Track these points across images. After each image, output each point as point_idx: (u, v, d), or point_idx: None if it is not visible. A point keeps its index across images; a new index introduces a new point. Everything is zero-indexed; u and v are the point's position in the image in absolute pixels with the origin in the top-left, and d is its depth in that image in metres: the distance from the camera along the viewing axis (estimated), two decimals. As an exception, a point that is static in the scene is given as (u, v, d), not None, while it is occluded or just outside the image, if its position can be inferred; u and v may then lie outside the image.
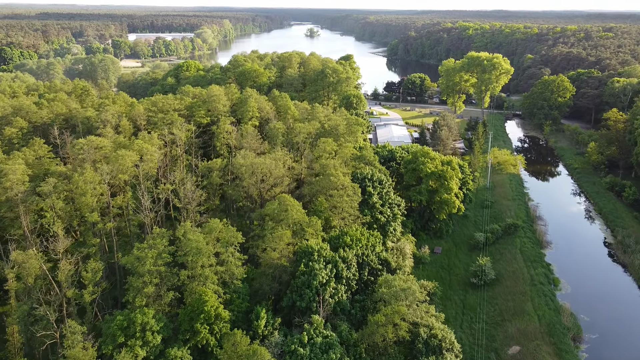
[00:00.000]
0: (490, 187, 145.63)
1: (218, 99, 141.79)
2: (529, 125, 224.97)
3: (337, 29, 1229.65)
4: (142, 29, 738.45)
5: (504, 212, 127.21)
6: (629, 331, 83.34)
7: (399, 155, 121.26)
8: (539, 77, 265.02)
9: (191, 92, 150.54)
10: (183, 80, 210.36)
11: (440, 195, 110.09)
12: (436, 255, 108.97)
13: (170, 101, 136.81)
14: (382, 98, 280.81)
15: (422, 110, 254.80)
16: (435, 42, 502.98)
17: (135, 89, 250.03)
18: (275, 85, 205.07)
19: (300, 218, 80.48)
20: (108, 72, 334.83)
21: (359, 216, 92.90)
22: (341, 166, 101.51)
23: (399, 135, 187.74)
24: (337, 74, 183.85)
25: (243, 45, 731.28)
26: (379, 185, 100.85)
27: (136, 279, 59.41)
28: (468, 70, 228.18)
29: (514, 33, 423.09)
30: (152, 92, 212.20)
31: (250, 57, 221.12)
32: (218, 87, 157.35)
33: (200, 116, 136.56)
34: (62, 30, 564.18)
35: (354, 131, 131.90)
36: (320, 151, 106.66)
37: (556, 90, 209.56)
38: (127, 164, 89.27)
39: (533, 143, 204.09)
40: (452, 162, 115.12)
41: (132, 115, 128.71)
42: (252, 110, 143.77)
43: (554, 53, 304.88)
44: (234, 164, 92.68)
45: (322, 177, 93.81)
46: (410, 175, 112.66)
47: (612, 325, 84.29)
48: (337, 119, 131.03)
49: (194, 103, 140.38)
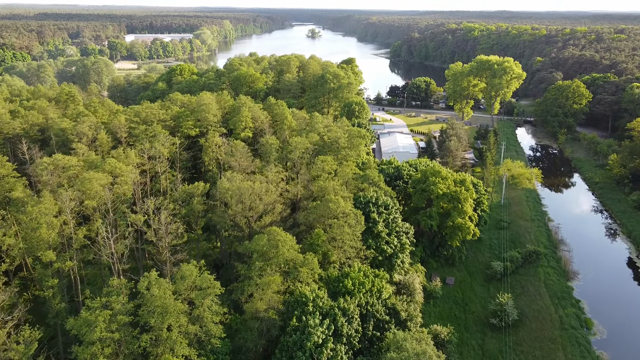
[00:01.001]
0: (505, 204, 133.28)
1: (208, 108, 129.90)
2: (542, 133, 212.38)
3: (339, 29, 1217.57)
4: (141, 30, 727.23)
5: (523, 235, 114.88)
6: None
7: (406, 173, 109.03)
8: (551, 81, 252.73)
9: (179, 100, 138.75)
10: (175, 85, 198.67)
11: (453, 219, 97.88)
12: (449, 287, 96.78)
13: (155, 111, 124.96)
14: (385, 103, 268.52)
15: (427, 116, 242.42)
16: (439, 44, 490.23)
17: (127, 94, 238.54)
18: (272, 91, 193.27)
19: (293, 256, 68.42)
20: (101, 74, 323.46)
21: (362, 248, 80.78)
22: (342, 188, 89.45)
23: (404, 145, 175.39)
24: (338, 80, 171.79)
25: (243, 46, 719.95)
26: (385, 211, 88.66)
27: (84, 349, 47.33)
28: (477, 74, 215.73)
29: (521, 34, 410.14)
30: (142, 98, 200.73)
31: (246, 60, 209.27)
32: (209, 95, 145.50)
33: (188, 127, 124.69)
34: (58, 31, 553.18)
35: (356, 145, 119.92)
36: (318, 170, 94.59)
37: (571, 96, 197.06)
38: (95, 188, 77.42)
39: (547, 153, 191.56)
40: (465, 182, 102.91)
41: (112, 127, 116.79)
42: (245, 121, 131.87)
43: (565, 56, 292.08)
44: (219, 188, 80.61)
45: (319, 203, 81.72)
46: (420, 197, 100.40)
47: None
48: (337, 131, 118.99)
49: (181, 113, 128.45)
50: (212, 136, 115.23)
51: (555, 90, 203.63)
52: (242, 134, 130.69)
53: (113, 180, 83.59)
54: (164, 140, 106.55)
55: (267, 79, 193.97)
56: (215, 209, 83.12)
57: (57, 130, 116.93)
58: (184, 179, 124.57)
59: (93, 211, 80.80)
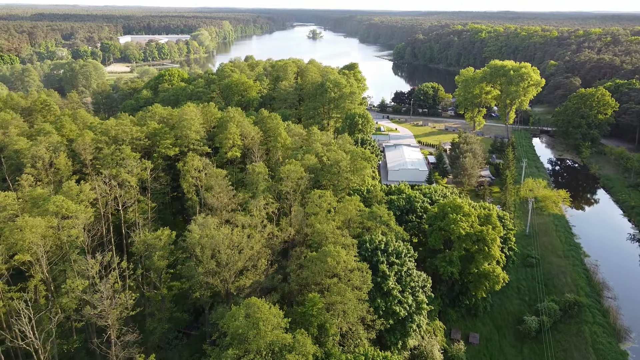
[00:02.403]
0: (530, 233, 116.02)
1: (189, 123, 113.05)
2: (562, 145, 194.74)
3: (341, 30, 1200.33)
4: (138, 31, 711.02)
5: (556, 276, 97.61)
6: None
7: (419, 205, 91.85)
8: (569, 87, 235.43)
9: (158, 114, 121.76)
10: (161, 92, 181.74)
11: (478, 264, 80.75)
12: (473, 348, 79.78)
13: (127, 128, 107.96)
14: (390, 110, 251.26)
15: (435, 125, 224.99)
16: (445, 46, 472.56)
17: (111, 101, 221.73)
18: (268, 100, 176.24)
19: (279, 338, 51.46)
20: (90, 78, 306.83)
21: (369, 311, 63.58)
22: (343, 232, 72.41)
23: (412, 161, 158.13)
24: (339, 88, 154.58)
25: (243, 48, 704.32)
26: (397, 261, 71.54)
27: None
28: (490, 81, 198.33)
29: (531, 36, 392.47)
30: (124, 108, 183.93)
31: (239, 66, 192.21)
32: (192, 108, 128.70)
33: (166, 147, 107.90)
34: (51, 32, 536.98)
35: (360, 168, 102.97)
36: (314, 207, 77.56)
37: (595, 105, 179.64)
38: (29, 238, 60.64)
39: (568, 168, 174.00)
40: (491, 217, 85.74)
41: (76, 147, 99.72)
42: (233, 138, 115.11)
43: (582, 59, 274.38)
44: (188, 238, 63.60)
45: (315, 256, 64.70)
46: (437, 238, 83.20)
47: None
48: (339, 153, 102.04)
49: (159, 130, 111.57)
50: (190, 159, 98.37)
51: (577, 98, 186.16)
52: (229, 153, 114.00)
53: (58, 224, 66.81)
54: (133, 166, 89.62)
55: (262, 87, 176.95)
56: (184, 266, 66.20)
57: (11, 152, 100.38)
58: (161, 204, 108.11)
59: (30, 265, 64.25)
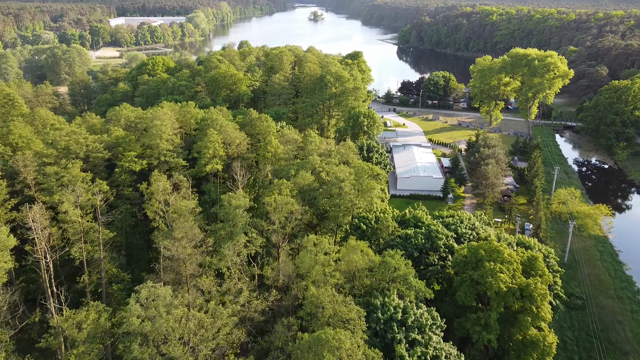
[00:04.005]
0: (569, 262, 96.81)
1: (160, 130, 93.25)
2: (589, 144, 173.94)
3: (343, 11, 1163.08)
4: (133, 13, 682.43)
5: (611, 326, 78.60)
6: None
7: (442, 242, 72.41)
8: (595, 77, 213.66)
9: (124, 117, 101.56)
10: (141, 85, 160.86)
11: (523, 329, 61.78)
12: None
13: (82, 138, 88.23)
14: (396, 102, 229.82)
15: (447, 119, 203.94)
16: (453, 29, 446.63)
17: (90, 92, 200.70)
18: (261, 94, 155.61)
19: None
20: (73, 65, 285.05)
21: None
22: (346, 294, 53.34)
23: (424, 165, 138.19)
24: (341, 83, 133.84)
25: (242, 30, 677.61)
26: (419, 338, 52.52)
27: None
28: (511, 71, 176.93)
29: (546, 19, 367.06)
30: (98, 103, 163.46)
31: (229, 54, 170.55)
32: (168, 107, 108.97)
33: (130, 160, 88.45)
34: (40, 14, 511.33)
35: (368, 189, 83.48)
36: (308, 258, 58.24)
37: (632, 100, 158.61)
38: None
39: (600, 172, 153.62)
40: (537, 262, 66.51)
41: (15, 164, 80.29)
42: (214, 147, 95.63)
43: (606, 45, 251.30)
44: (127, 322, 44.47)
45: (308, 342, 45.74)
46: (468, 292, 63.90)
47: None
48: (340, 172, 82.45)
49: (122, 139, 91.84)
50: (155, 179, 78.85)
51: (609, 92, 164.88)
52: (208, 166, 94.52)
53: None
54: (79, 193, 70.34)
55: (254, 79, 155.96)
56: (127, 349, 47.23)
57: None
58: (129, 227, 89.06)
59: None
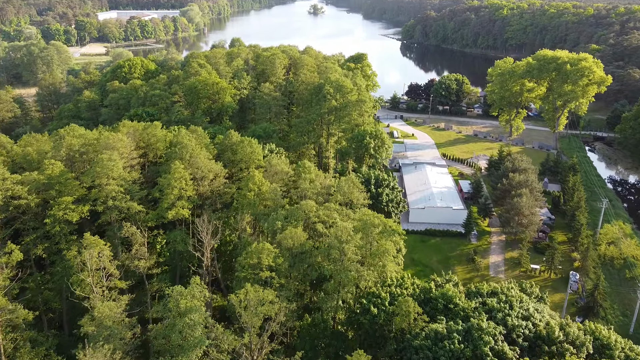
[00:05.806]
0: (635, 333, 75.30)
1: (108, 165, 71.38)
2: (627, 160, 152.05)
3: (343, 5, 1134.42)
4: (125, 6, 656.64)
5: None
6: None
7: (489, 347, 50.73)
8: (626, 80, 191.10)
9: (66, 145, 79.50)
10: (110, 94, 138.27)
11: None
12: None
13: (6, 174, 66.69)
14: (404, 107, 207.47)
15: (461, 129, 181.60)
16: (460, 24, 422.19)
17: (58, 98, 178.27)
18: (249, 104, 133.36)
19: None
20: (51, 64, 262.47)
21: None
22: None
23: (441, 191, 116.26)
24: (342, 94, 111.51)
25: (239, 25, 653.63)
26: None
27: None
28: (537, 76, 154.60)
29: (561, 14, 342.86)
30: (61, 115, 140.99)
31: (214, 55, 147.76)
32: (125, 129, 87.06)
33: (65, 208, 67.11)
34: (26, 7, 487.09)
35: (380, 253, 62.22)
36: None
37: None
38: None
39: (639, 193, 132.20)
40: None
41: None
42: (179, 187, 74.05)
43: (633, 44, 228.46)
44: None
45: None
46: None
47: None
48: (343, 228, 60.99)
49: (57, 178, 70.04)
50: (88, 245, 57.54)
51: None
52: (170, 212, 72.80)
53: None
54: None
55: (243, 85, 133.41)
56: None
57: None
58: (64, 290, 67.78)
59: None
